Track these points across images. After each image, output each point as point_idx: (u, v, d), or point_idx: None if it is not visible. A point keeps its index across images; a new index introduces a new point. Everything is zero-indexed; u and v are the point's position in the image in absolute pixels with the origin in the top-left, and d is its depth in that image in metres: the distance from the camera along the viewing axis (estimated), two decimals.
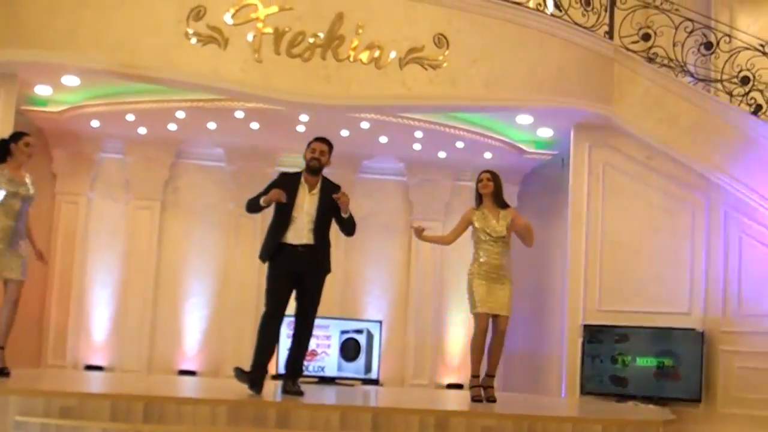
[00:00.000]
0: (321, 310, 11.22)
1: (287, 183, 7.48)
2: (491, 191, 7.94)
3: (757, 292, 9.71)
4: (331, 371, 9.43)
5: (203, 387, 7.78)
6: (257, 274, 11.82)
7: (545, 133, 11.20)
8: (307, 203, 7.37)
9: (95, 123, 10.94)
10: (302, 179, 7.50)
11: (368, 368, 9.64)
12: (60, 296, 11.54)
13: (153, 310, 11.80)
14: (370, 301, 12.24)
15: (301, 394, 7.16)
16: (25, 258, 7.64)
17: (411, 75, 9.19)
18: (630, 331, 10.20)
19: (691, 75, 10.08)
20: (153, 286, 11.83)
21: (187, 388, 7.70)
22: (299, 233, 7.30)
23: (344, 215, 7.46)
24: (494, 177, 8.00)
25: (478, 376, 7.83)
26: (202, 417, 6.21)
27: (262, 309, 7.41)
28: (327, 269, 7.49)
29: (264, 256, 7.46)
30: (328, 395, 7.95)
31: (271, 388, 7.36)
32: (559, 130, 10.99)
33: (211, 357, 11.85)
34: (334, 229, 7.63)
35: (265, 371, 7.21)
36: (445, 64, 9.32)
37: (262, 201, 7.33)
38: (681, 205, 10.32)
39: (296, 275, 7.29)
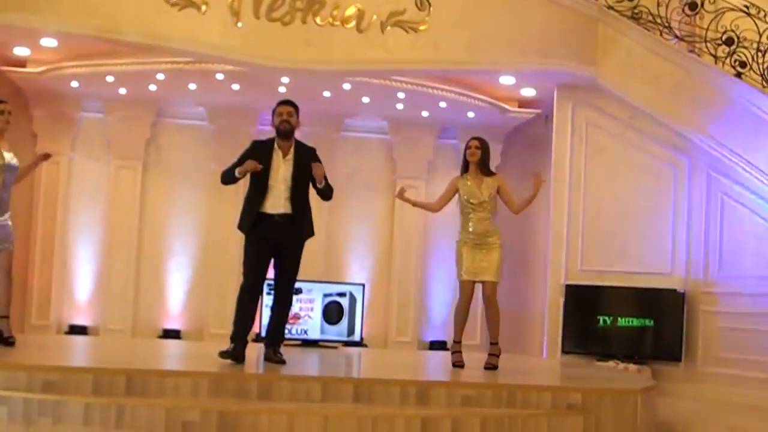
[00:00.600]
0: (304, 273, 11.34)
1: (260, 151, 7.30)
2: (478, 159, 7.86)
3: (737, 253, 9.77)
4: (314, 334, 9.47)
5: (186, 355, 7.80)
6: (239, 234, 11.80)
7: (528, 92, 11.18)
8: (282, 170, 7.22)
9: (75, 83, 10.84)
10: (275, 145, 7.33)
11: (351, 330, 9.68)
12: (43, 257, 11.54)
13: (136, 270, 11.82)
14: (354, 259, 12.27)
15: (283, 362, 7.17)
16: (11, 227, 7.54)
17: (393, 39, 9.12)
18: (612, 291, 10.29)
19: (675, 35, 9.99)
20: (136, 246, 11.84)
21: (170, 358, 7.71)
22: (276, 202, 7.19)
23: (319, 186, 7.30)
24: (482, 144, 7.89)
25: (459, 342, 7.84)
26: (184, 389, 6.20)
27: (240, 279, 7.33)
28: (308, 235, 7.38)
29: (243, 226, 7.36)
30: (311, 360, 8.00)
31: (254, 356, 7.36)
32: (542, 90, 10.98)
33: (195, 316, 11.90)
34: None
35: (246, 343, 7.19)
36: (427, 27, 9.24)
37: (237, 172, 7.18)
38: (663, 165, 10.33)
39: (274, 245, 7.22)
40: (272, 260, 7.33)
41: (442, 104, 11.12)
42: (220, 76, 10.14)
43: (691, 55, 9.90)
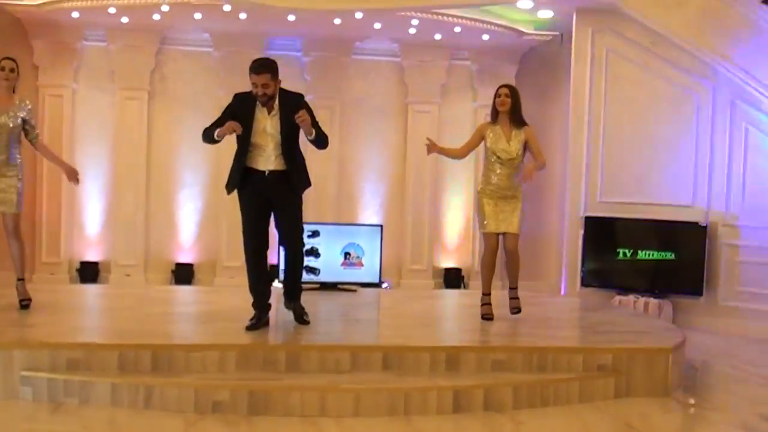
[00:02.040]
0: (320, 213, 11.13)
1: (243, 106, 6.77)
2: (508, 108, 7.54)
3: (761, 186, 9.59)
4: (332, 277, 9.32)
5: (206, 315, 7.65)
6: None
7: (545, 14, 10.80)
8: (269, 126, 6.73)
9: (75, 14, 10.43)
10: (258, 100, 6.77)
11: (370, 272, 9.52)
12: (50, 192, 11.27)
13: (146, 203, 11.61)
14: (366, 186, 12.06)
15: (306, 323, 7.05)
16: (19, 188, 7.29)
17: None
18: (632, 223, 10.14)
19: None
20: (144, 178, 11.59)
21: (191, 320, 7.55)
22: (266, 160, 6.77)
23: (309, 137, 6.83)
24: (513, 93, 7.54)
25: (488, 294, 7.69)
26: (211, 364, 6.12)
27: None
28: (304, 188, 6.99)
29: (229, 187, 6.94)
30: (332, 312, 7.84)
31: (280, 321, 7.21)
32: (559, 12, 10.59)
33: (208, 248, 11.76)
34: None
35: (268, 306, 7.01)
36: None
37: (216, 134, 6.70)
38: (685, 94, 10.05)
39: (268, 200, 6.85)
40: (272, 216, 6.99)
41: (457, 29, 10.74)
42: (227, 8, 9.71)
43: None
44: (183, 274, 11.53)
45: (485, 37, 11.11)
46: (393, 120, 12.16)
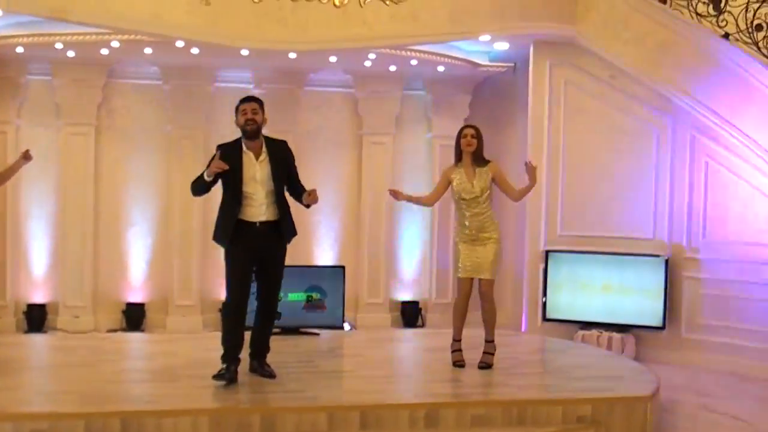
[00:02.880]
0: None
1: (229, 155, 6.64)
2: (474, 149, 7.43)
3: (722, 219, 9.61)
4: (294, 320, 9.06)
5: (171, 370, 7.35)
6: (200, 198, 11.29)
7: (501, 46, 10.68)
8: (258, 173, 6.65)
9: (20, 49, 10.03)
10: (244, 147, 6.72)
11: (332, 315, 9.29)
12: None
13: (94, 242, 11.21)
14: (321, 219, 11.81)
15: (272, 376, 6.83)
16: None
17: (372, 12, 8.56)
18: (593, 257, 10.07)
19: None
20: (92, 216, 11.19)
21: (156, 378, 7.21)
22: (257, 210, 6.66)
23: (306, 205, 6.91)
24: (478, 133, 7.46)
25: (458, 341, 7.54)
26: (183, 430, 5.87)
27: (223, 293, 6.89)
28: (293, 236, 6.88)
29: (221, 239, 6.77)
30: (299, 363, 7.59)
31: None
32: (515, 44, 10.48)
33: (158, 287, 11.41)
34: None
35: (239, 361, 6.79)
36: None
37: (205, 175, 6.60)
38: (645, 127, 10.05)
39: (258, 254, 6.72)
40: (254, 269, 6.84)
41: (413, 62, 10.58)
42: (180, 44, 9.42)
43: (677, 14, 9.48)
44: (134, 314, 11.16)
45: (440, 68, 10.99)
46: (347, 152, 11.96)
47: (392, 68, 11.10)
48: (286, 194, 6.89)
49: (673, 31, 9.46)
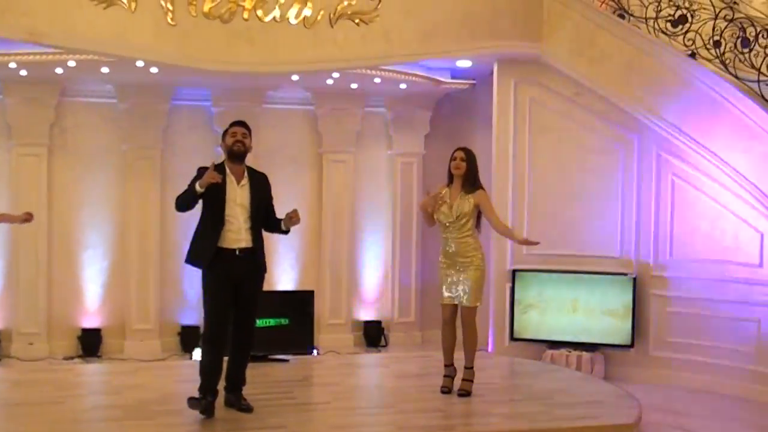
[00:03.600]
0: None
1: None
2: (463, 173, 7.30)
3: (689, 237, 9.60)
4: (263, 347, 8.82)
5: (141, 404, 7.07)
6: (157, 218, 11.06)
7: (464, 63, 10.57)
8: (239, 196, 6.54)
9: None
10: (227, 170, 6.59)
11: (302, 342, 9.07)
12: None
13: (48, 265, 10.86)
14: (281, 238, 11.48)
15: (249, 410, 6.64)
16: None
17: (342, 32, 8.39)
18: (560, 275, 10.02)
19: (625, 11, 9.56)
20: (46, 239, 10.83)
21: (132, 416, 6.86)
22: (237, 235, 6.51)
23: (285, 229, 6.78)
24: (468, 157, 7.31)
25: (449, 366, 7.43)
26: None
27: (201, 318, 6.75)
28: (265, 270, 6.75)
29: (199, 262, 6.58)
30: (274, 394, 7.37)
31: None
32: (478, 61, 10.38)
33: (115, 311, 11.09)
34: None
35: (217, 394, 6.59)
36: (378, 18, 8.52)
37: (197, 186, 6.36)
38: (611, 145, 10.02)
39: (235, 283, 6.53)
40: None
41: (377, 80, 10.43)
42: (140, 63, 9.13)
43: (643, 32, 9.47)
44: (90, 340, 10.82)
45: (402, 86, 10.86)
46: (307, 170, 11.77)
47: (353, 86, 10.94)
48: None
49: (639, 50, 9.44)
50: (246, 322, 6.71)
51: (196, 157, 11.21)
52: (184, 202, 6.60)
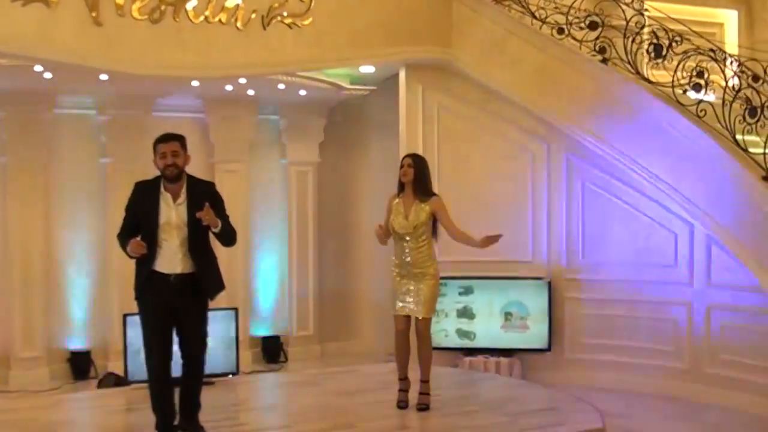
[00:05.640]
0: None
1: (145, 197, 6.00)
2: (411, 179, 7.04)
3: (600, 239, 9.77)
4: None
5: None
6: (42, 236, 10.28)
7: (367, 69, 10.33)
8: (174, 217, 5.94)
9: None
10: (162, 188, 6.02)
11: (228, 363, 8.51)
12: None
13: None
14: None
15: None
16: None
17: (275, 36, 7.99)
18: (474, 282, 9.95)
19: (534, 17, 9.58)
20: None
21: None
22: (171, 260, 5.93)
23: (215, 230, 6.02)
24: (416, 163, 7.06)
25: (403, 379, 7.15)
26: None
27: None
28: (215, 291, 6.17)
29: (135, 290, 6.07)
30: (208, 412, 6.85)
31: None
32: (382, 67, 10.17)
33: None
34: None
35: (173, 419, 6.10)
36: (310, 22, 8.18)
37: (128, 251, 5.84)
38: (520, 150, 10.07)
39: (171, 311, 5.98)
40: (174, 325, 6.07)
41: (281, 86, 10.02)
42: (38, 68, 8.36)
43: (554, 38, 9.53)
44: None
45: (302, 92, 10.51)
46: None
47: (251, 92, 10.51)
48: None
49: (550, 56, 9.48)
50: (191, 350, 6.15)
51: (83, 169, 10.56)
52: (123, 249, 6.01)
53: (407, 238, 7.04)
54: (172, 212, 5.95)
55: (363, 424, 6.81)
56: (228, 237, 6.15)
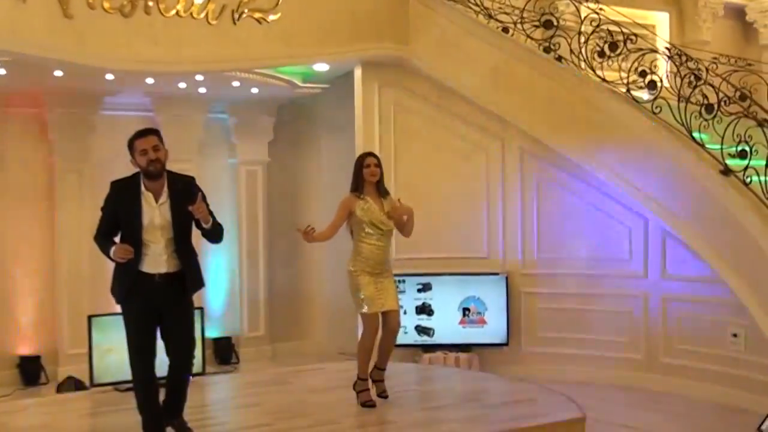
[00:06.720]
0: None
1: (125, 197, 5.79)
2: (378, 179, 7.04)
3: (554, 235, 9.95)
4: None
5: None
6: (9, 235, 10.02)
7: (321, 67, 10.27)
8: (158, 218, 5.74)
9: None
10: (142, 186, 5.78)
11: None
12: None
13: None
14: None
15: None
16: None
17: (245, 31, 7.91)
18: (432, 279, 10.01)
19: (490, 15, 9.68)
20: None
21: None
22: (156, 260, 5.75)
23: (206, 226, 5.88)
24: (379, 161, 7.09)
25: (366, 380, 7.12)
26: None
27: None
28: (198, 288, 6.03)
29: (117, 293, 5.88)
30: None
31: None
32: (336, 65, 10.14)
33: None
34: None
35: (162, 418, 6.00)
36: (278, 17, 8.12)
37: (112, 254, 5.67)
38: (476, 148, 10.17)
39: (157, 309, 5.83)
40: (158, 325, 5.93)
41: (236, 83, 9.90)
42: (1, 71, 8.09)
43: (510, 37, 9.65)
44: None
45: (254, 90, 10.42)
46: None
47: (202, 90, 10.37)
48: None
49: (508, 54, 9.59)
50: (181, 353, 6.02)
51: (28, 168, 10.29)
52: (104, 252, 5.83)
53: (383, 237, 7.04)
54: (155, 212, 5.75)
55: (347, 420, 6.79)
56: (217, 233, 6.04)
